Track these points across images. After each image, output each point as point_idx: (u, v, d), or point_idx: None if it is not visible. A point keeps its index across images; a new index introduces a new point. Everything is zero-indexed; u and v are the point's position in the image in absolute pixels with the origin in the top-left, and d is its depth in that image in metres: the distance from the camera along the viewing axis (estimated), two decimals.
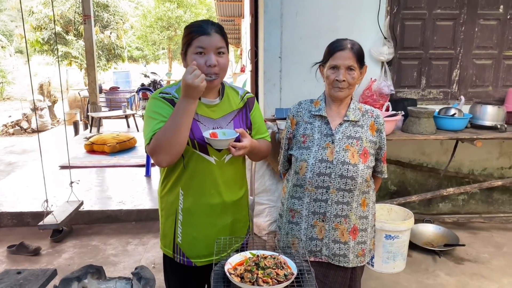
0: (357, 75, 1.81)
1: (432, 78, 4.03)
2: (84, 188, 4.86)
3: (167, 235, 1.89)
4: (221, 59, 1.68)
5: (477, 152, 4.13)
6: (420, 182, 4.30)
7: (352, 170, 1.81)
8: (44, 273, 1.66)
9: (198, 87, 1.53)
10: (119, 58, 20.31)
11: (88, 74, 8.10)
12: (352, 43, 1.82)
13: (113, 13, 19.55)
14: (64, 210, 3.36)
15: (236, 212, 1.92)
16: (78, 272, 1.81)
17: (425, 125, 3.35)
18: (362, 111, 1.91)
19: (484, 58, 4.03)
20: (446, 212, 4.33)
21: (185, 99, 1.57)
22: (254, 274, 1.37)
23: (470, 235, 3.87)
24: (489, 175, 4.30)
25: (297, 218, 1.93)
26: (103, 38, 19.02)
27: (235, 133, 1.67)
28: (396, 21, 3.87)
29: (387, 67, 3.82)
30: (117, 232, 4.01)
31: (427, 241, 3.66)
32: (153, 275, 1.87)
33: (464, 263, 3.40)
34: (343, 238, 1.88)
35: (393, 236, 3.14)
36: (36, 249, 3.56)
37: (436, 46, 3.96)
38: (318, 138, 1.86)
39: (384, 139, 1.94)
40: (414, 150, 4.20)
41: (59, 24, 18.09)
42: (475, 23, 3.93)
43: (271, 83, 3.86)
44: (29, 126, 10.45)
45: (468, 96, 4.03)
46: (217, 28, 1.69)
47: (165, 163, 1.66)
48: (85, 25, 7.77)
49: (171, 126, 1.59)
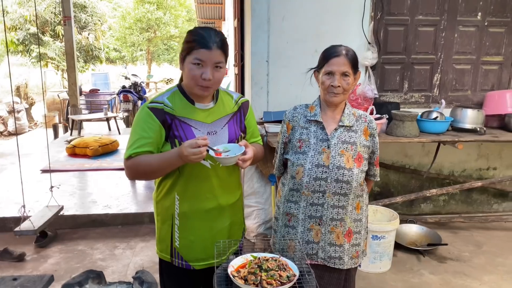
0: (351, 81, 1.87)
1: (414, 82, 4.14)
2: (67, 192, 4.79)
3: (164, 240, 1.89)
4: (217, 73, 1.70)
5: (457, 154, 4.26)
6: (403, 184, 4.42)
7: (347, 175, 1.86)
8: (41, 279, 1.65)
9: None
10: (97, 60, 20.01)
11: (68, 76, 7.97)
12: (347, 49, 1.88)
13: (91, 14, 19.24)
14: (43, 215, 3.30)
15: (233, 215, 1.95)
16: (79, 278, 1.81)
17: (409, 128, 3.45)
18: (356, 116, 1.97)
19: (463, 63, 4.17)
20: (428, 213, 4.46)
21: (178, 159, 1.63)
22: (258, 276, 1.40)
23: (451, 235, 3.99)
24: (468, 176, 4.45)
25: (294, 221, 1.97)
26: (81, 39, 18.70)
27: (241, 148, 1.70)
28: (380, 27, 3.97)
29: (371, 71, 3.92)
30: (103, 236, 3.97)
31: (411, 241, 3.76)
32: (155, 279, 1.88)
33: (447, 261, 3.51)
34: (338, 241, 1.93)
35: (380, 237, 3.21)
36: (21, 255, 3.50)
37: (418, 51, 4.08)
38: (314, 143, 1.91)
39: (377, 144, 2.00)
40: (397, 152, 4.31)
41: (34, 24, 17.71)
42: (455, 29, 4.07)
43: (259, 86, 3.90)
44: (6, 129, 10.19)
45: (449, 100, 4.16)
46: (219, 43, 1.68)
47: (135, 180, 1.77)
48: (65, 27, 7.64)
49: (154, 167, 1.70)
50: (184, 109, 1.77)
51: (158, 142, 1.74)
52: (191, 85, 1.72)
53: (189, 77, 1.69)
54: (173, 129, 1.74)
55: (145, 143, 1.71)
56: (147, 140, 1.71)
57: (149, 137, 1.71)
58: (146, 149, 1.71)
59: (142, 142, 1.70)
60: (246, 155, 1.71)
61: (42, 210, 3.56)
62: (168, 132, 1.74)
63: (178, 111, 1.76)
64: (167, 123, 1.73)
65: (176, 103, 1.78)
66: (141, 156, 1.70)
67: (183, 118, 1.76)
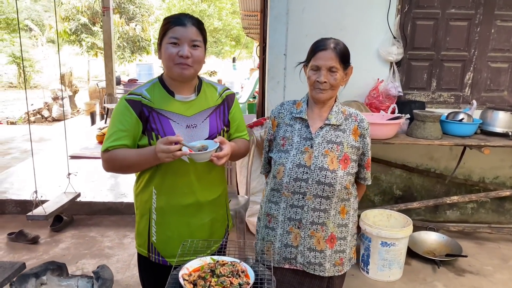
0: (339, 76, 1.73)
1: (443, 80, 3.86)
2: (89, 179, 4.90)
3: (142, 234, 1.86)
4: (195, 51, 1.65)
5: (488, 159, 3.94)
6: (427, 188, 4.15)
7: (330, 177, 1.73)
8: (12, 266, 1.65)
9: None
10: (144, 51, 20.57)
11: (105, 65, 8.19)
12: (336, 42, 1.74)
13: (138, 5, 19.77)
14: (58, 201, 3.37)
15: (213, 212, 1.88)
16: (37, 269, 1.80)
17: (430, 130, 3.22)
18: (346, 114, 1.83)
19: (500, 61, 3.83)
20: (454, 220, 4.17)
21: (154, 156, 1.58)
22: (207, 282, 1.33)
23: (475, 246, 3.71)
24: (501, 184, 4.11)
25: (273, 223, 1.87)
26: (128, 30, 19.28)
27: (215, 144, 1.62)
28: (407, 20, 3.72)
29: (395, 67, 3.69)
30: (116, 224, 4.03)
31: (428, 250, 3.53)
32: (111, 276, 1.85)
33: (465, 275, 3.26)
34: (319, 246, 1.80)
35: (389, 244, 3.03)
36: (35, 238, 3.61)
37: (448, 47, 3.79)
38: (297, 141, 1.79)
39: (368, 145, 1.85)
40: (422, 154, 4.05)
41: (86, 15, 18.43)
42: (492, 24, 3.74)
43: (275, 80, 3.79)
44: (50, 115, 10.67)
45: (481, 101, 3.85)
46: (194, 21, 1.67)
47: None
48: (103, 17, 7.84)
49: (130, 162, 1.68)
50: (163, 101, 1.72)
51: (135, 135, 1.70)
52: (169, 67, 1.67)
53: (166, 58, 1.65)
54: (151, 121, 1.69)
55: (121, 136, 1.68)
56: (124, 133, 1.68)
57: (126, 130, 1.68)
58: (122, 142, 1.68)
59: (119, 135, 1.68)
60: (221, 152, 1.63)
61: (58, 196, 3.65)
62: (146, 125, 1.70)
63: (156, 103, 1.71)
64: (144, 115, 1.69)
65: (155, 95, 1.73)
66: (119, 150, 1.68)
67: (161, 111, 1.71)
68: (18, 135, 8.38)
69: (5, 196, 4.29)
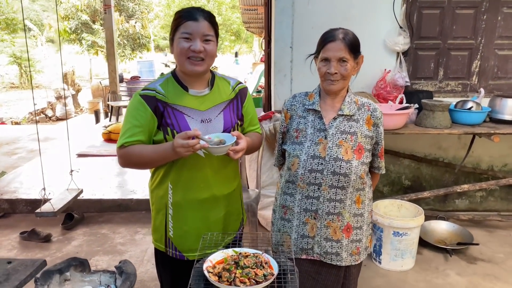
0: (350, 67, 1.73)
1: (451, 69, 3.85)
2: (98, 176, 4.92)
3: (159, 229, 1.87)
4: (207, 45, 1.66)
5: (497, 147, 3.94)
6: (436, 178, 4.15)
7: (345, 167, 1.73)
8: (33, 264, 1.67)
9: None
10: (144, 48, 20.52)
11: (108, 63, 8.20)
12: (345, 32, 1.73)
13: (138, 2, 19.72)
14: (63, 198, 3.39)
15: (228, 205, 1.89)
16: (60, 265, 1.82)
17: (439, 119, 3.22)
18: (358, 104, 1.83)
19: (507, 49, 3.82)
20: (463, 209, 4.18)
21: (171, 152, 1.59)
22: (232, 274, 1.33)
23: (486, 234, 3.72)
24: (510, 172, 4.11)
25: (289, 215, 1.88)
26: (128, 27, 19.24)
27: (233, 138, 1.62)
28: (413, 10, 3.71)
29: (402, 57, 3.68)
30: (126, 221, 4.05)
31: (439, 239, 3.54)
32: (134, 270, 1.86)
33: (477, 262, 3.27)
34: (335, 236, 1.81)
35: (402, 233, 3.04)
36: (47, 236, 3.63)
37: (455, 36, 3.78)
38: (311, 133, 1.79)
39: (382, 134, 1.85)
40: (430, 144, 4.05)
41: (86, 13, 18.41)
42: (498, 11, 3.72)
43: (282, 73, 3.78)
44: (54, 114, 10.70)
45: (489, 89, 3.84)
46: (206, 15, 1.66)
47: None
48: (105, 15, 7.84)
49: (146, 159, 1.68)
50: (177, 96, 1.73)
51: (150, 131, 1.71)
52: (181, 61, 1.67)
53: (178, 53, 1.65)
54: (166, 116, 1.70)
55: (136, 131, 1.68)
56: (139, 129, 1.68)
57: (141, 126, 1.68)
58: (137, 138, 1.68)
59: (134, 131, 1.68)
60: (238, 146, 1.64)
61: (62, 193, 3.66)
62: (161, 120, 1.70)
63: (171, 98, 1.71)
64: (159, 110, 1.69)
65: (169, 90, 1.73)
66: (135, 146, 1.68)
67: (176, 106, 1.71)
68: (23, 135, 8.39)
69: (15, 195, 4.31)
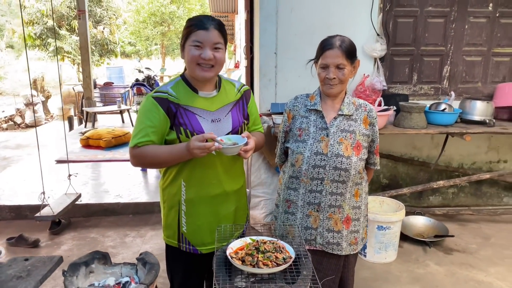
0: (347, 71, 1.89)
1: (424, 74, 4.13)
2: (81, 182, 4.90)
3: (171, 226, 1.95)
4: (217, 53, 1.76)
5: (466, 146, 4.24)
6: (411, 176, 4.42)
7: (345, 163, 1.89)
8: (51, 260, 1.73)
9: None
10: (112, 54, 20.21)
11: (83, 69, 8.11)
12: (342, 40, 1.88)
13: (106, 8, 19.44)
14: (61, 202, 3.41)
15: (237, 201, 2.01)
16: (86, 258, 1.88)
17: (417, 120, 3.45)
18: (356, 105, 2.00)
19: (474, 55, 4.14)
20: (436, 205, 4.45)
21: (186, 152, 1.70)
22: (254, 258, 1.46)
23: (459, 227, 3.99)
24: (478, 169, 4.42)
25: (293, 208, 2.02)
26: (96, 33, 18.91)
27: (243, 139, 1.75)
28: (389, 18, 3.96)
29: (379, 63, 3.92)
30: (114, 224, 4.07)
31: (418, 233, 3.77)
32: (157, 260, 1.95)
33: (453, 253, 3.51)
34: (336, 227, 1.96)
35: (385, 227, 3.24)
36: (35, 241, 3.61)
37: (427, 43, 4.06)
38: (313, 131, 1.95)
39: (377, 132, 2.02)
40: (406, 144, 4.31)
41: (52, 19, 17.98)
42: (465, 20, 4.03)
43: (267, 78, 3.94)
44: (23, 121, 10.42)
45: (458, 92, 4.14)
46: (216, 24, 1.75)
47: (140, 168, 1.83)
48: (79, 20, 7.78)
49: (161, 159, 1.77)
50: (188, 98, 1.83)
51: (162, 131, 1.79)
52: (192, 68, 1.77)
53: (189, 59, 1.75)
54: (178, 117, 1.79)
55: (149, 132, 1.76)
56: (152, 129, 1.76)
57: (154, 126, 1.77)
58: (150, 138, 1.77)
59: (147, 131, 1.76)
60: (248, 146, 1.76)
61: (61, 197, 3.67)
62: (173, 120, 1.79)
63: (182, 100, 1.81)
64: (172, 111, 1.79)
65: (180, 92, 1.83)
66: (149, 147, 1.76)
67: (187, 107, 1.81)
68: None
69: None
